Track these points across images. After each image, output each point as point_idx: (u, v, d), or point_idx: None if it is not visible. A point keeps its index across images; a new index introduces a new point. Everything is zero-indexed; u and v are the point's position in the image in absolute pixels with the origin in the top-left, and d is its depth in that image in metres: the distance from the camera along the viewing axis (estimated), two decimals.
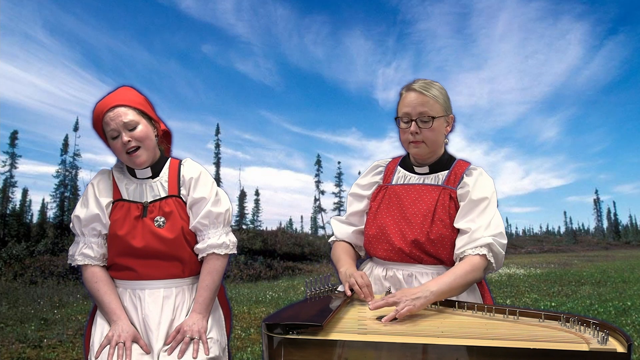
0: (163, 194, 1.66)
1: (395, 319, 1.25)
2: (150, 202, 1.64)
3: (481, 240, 1.46)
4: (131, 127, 1.57)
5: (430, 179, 1.65)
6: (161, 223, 1.61)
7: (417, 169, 1.68)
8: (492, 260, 1.47)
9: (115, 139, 1.58)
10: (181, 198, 1.67)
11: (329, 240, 1.84)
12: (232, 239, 1.71)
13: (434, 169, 1.66)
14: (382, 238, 1.62)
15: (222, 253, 1.66)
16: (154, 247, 1.59)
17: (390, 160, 1.80)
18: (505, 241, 1.51)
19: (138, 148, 1.59)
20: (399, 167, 1.74)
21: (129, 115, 1.57)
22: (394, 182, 1.70)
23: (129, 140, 1.57)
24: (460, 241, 1.51)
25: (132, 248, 1.58)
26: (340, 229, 1.78)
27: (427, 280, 1.46)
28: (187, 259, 1.65)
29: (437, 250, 1.56)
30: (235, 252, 1.73)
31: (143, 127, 1.60)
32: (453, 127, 1.66)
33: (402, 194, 1.64)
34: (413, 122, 1.56)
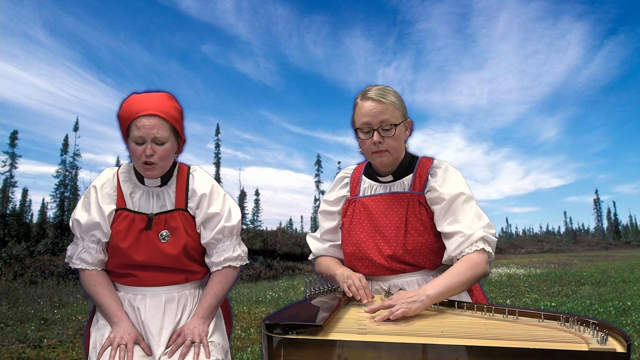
0: (170, 206, 1.63)
1: (389, 319, 1.24)
2: (156, 214, 1.61)
3: (474, 235, 1.45)
4: (159, 142, 1.52)
5: (396, 186, 1.62)
6: (165, 237, 1.59)
7: (381, 179, 1.65)
8: (491, 250, 1.47)
9: (137, 145, 1.52)
10: (188, 212, 1.63)
11: (309, 258, 1.82)
12: (244, 249, 1.71)
13: (398, 175, 1.62)
14: (360, 255, 1.61)
15: (238, 265, 1.67)
16: (155, 261, 1.58)
17: (354, 168, 1.76)
18: (494, 230, 1.50)
19: (156, 163, 1.55)
20: (364, 177, 1.70)
21: (163, 130, 1.51)
22: (361, 194, 1.67)
23: (152, 155, 1.52)
24: (453, 243, 1.47)
25: (133, 260, 1.57)
26: (317, 246, 1.77)
27: (413, 289, 1.44)
28: (189, 270, 1.64)
29: (417, 259, 1.55)
30: (248, 261, 1.73)
31: (169, 146, 1.55)
32: (412, 132, 1.63)
33: (371, 206, 1.62)
34: (375, 132, 1.52)
